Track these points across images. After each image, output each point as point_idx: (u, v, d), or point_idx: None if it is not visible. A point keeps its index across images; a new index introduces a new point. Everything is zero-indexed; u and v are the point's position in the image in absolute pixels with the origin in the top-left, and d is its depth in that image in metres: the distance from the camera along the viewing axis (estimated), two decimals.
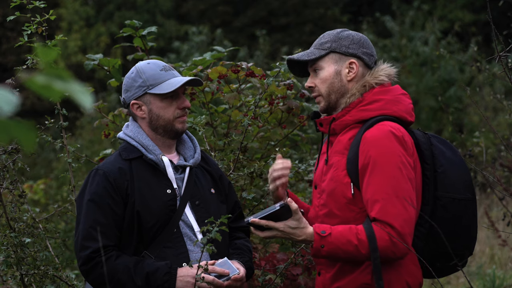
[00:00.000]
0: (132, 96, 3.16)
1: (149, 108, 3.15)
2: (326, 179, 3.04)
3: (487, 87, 12.79)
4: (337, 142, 3.05)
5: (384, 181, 2.89)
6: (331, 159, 3.04)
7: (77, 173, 9.55)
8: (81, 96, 1.29)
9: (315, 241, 2.89)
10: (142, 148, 3.16)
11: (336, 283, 3.04)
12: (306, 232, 2.91)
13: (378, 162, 2.90)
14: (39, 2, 3.91)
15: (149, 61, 3.21)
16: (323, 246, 2.88)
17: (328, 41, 3.08)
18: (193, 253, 3.10)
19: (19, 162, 3.87)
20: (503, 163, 7.57)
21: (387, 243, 2.87)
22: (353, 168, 2.96)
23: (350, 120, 3.01)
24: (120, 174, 3.10)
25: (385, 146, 2.92)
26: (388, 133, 2.93)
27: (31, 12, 3.89)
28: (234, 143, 4.29)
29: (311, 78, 3.12)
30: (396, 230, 2.87)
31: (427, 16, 17.50)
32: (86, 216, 3.07)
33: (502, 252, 8.36)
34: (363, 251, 2.88)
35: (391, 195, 2.89)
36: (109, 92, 16.66)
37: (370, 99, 3.01)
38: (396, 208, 2.88)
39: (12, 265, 3.74)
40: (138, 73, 3.16)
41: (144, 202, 3.08)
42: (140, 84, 3.14)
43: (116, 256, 3.04)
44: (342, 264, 3.01)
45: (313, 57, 3.06)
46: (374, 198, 2.89)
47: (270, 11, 21.12)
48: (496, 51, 3.62)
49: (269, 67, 5.05)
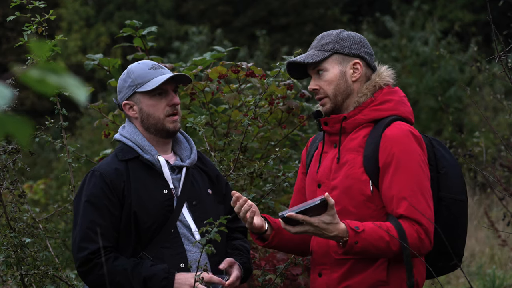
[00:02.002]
0: (124, 97, 3.18)
1: (139, 107, 3.17)
2: (337, 176, 3.04)
3: (487, 87, 12.78)
4: (350, 140, 3.06)
5: (409, 179, 2.94)
6: (344, 157, 3.04)
7: (77, 173, 9.55)
8: (76, 90, 1.28)
9: (350, 236, 2.86)
10: (138, 148, 3.16)
11: (346, 282, 3.02)
12: (339, 228, 2.87)
13: (402, 159, 2.95)
14: (39, 2, 3.91)
15: (140, 62, 3.23)
16: (357, 242, 2.87)
17: (329, 42, 3.08)
18: (191, 253, 3.10)
19: (19, 162, 3.87)
20: (503, 163, 7.57)
21: (415, 240, 2.91)
22: (371, 165, 2.98)
23: (363, 119, 3.05)
24: (116, 175, 3.10)
25: (406, 144, 2.97)
26: (408, 133, 2.99)
27: (31, 12, 3.89)
28: (234, 143, 4.29)
29: (314, 81, 3.11)
30: (424, 228, 2.92)
31: (427, 16, 17.49)
32: (83, 217, 3.07)
33: (502, 252, 8.36)
34: (393, 248, 2.90)
35: (417, 192, 2.94)
36: (109, 92, 16.64)
37: (381, 99, 3.06)
38: (422, 205, 2.93)
39: (12, 265, 3.74)
40: (128, 74, 3.19)
41: (141, 203, 3.08)
42: (130, 84, 3.17)
43: (114, 258, 3.04)
44: (354, 262, 3.00)
45: (317, 59, 3.06)
46: (400, 195, 2.92)
47: (270, 11, 21.12)
48: (496, 51, 3.62)
49: (269, 67, 5.05)
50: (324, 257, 3.09)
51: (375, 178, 2.98)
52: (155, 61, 3.26)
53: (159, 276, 3.00)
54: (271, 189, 4.12)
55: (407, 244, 2.89)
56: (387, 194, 2.96)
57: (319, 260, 3.11)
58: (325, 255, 3.09)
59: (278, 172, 4.23)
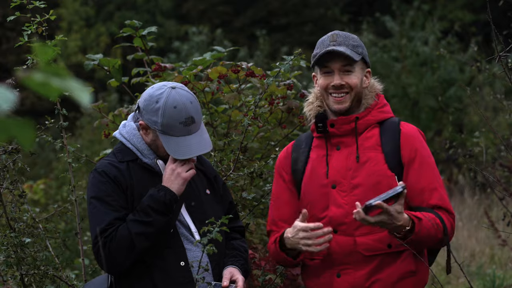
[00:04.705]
0: (145, 120, 3.12)
1: (153, 138, 3.13)
2: (359, 175, 3.12)
3: (487, 87, 12.78)
4: (365, 139, 3.18)
5: (434, 172, 3.15)
6: (364, 156, 3.14)
7: (77, 173, 9.54)
8: (79, 93, 1.28)
9: (417, 225, 2.97)
10: (137, 151, 3.16)
11: (375, 276, 3.10)
12: (405, 217, 2.97)
13: (424, 154, 3.15)
14: (39, 2, 3.91)
15: (177, 105, 3.05)
16: (420, 231, 2.98)
17: (359, 46, 3.19)
18: (190, 252, 3.11)
19: (19, 162, 3.87)
20: (503, 163, 7.57)
21: (450, 228, 3.10)
22: (395, 161, 3.13)
23: (372, 120, 3.20)
24: (120, 174, 3.12)
25: (422, 141, 3.19)
26: (418, 131, 3.22)
27: (31, 12, 3.89)
28: (234, 143, 4.29)
29: (340, 76, 3.16)
30: (453, 216, 3.13)
31: (427, 16, 17.48)
32: (94, 215, 3.08)
33: (502, 252, 8.36)
34: (439, 235, 3.04)
35: (441, 184, 3.16)
36: (109, 92, 16.63)
37: (382, 102, 3.25)
38: (447, 196, 3.15)
39: (12, 265, 3.74)
40: (160, 109, 3.06)
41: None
42: (156, 120, 3.07)
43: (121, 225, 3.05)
44: (384, 256, 3.09)
45: (357, 58, 3.15)
46: (431, 187, 3.10)
47: (270, 11, 21.12)
48: (496, 51, 3.62)
49: (269, 67, 5.05)
50: (348, 257, 3.12)
51: (399, 174, 3.12)
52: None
53: (155, 194, 3.04)
54: (271, 189, 4.11)
55: (448, 232, 3.06)
56: (415, 187, 3.10)
57: (340, 260, 3.13)
58: (350, 254, 3.12)
59: None
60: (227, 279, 3.12)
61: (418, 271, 3.13)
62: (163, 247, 3.10)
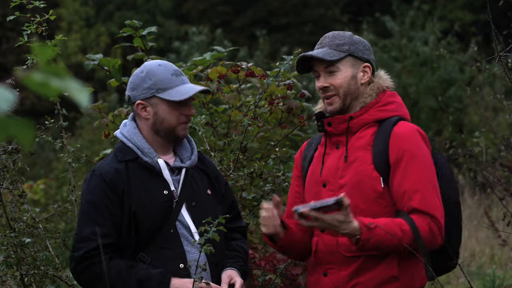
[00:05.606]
0: (139, 96, 3.13)
1: (154, 111, 3.13)
2: (346, 174, 3.09)
3: (487, 87, 12.78)
4: (357, 139, 3.13)
5: (421, 173, 3.02)
6: (352, 155, 3.10)
7: (77, 173, 9.54)
8: (78, 93, 1.28)
9: (364, 233, 2.91)
10: (138, 150, 3.15)
11: (356, 279, 3.06)
12: (352, 226, 2.92)
13: (412, 155, 3.04)
14: (39, 2, 3.91)
15: (161, 63, 3.18)
16: (371, 238, 2.92)
17: (345, 44, 3.15)
18: (190, 254, 3.09)
19: (19, 162, 3.87)
20: (503, 163, 7.57)
21: (427, 234, 2.97)
22: (381, 162, 3.05)
23: (369, 119, 3.13)
24: (116, 175, 3.10)
25: (415, 141, 3.07)
26: (416, 131, 3.10)
27: (31, 12, 3.89)
28: (234, 143, 4.29)
29: (325, 78, 3.15)
30: (438, 221, 2.99)
31: (427, 16, 17.48)
32: (83, 218, 3.08)
33: (502, 252, 8.36)
34: (406, 242, 2.94)
35: (429, 187, 3.02)
36: (109, 92, 16.64)
37: (385, 100, 3.16)
38: (434, 200, 3.01)
39: (12, 265, 3.74)
40: (148, 74, 3.13)
41: (141, 204, 3.08)
42: (149, 86, 3.11)
43: (109, 258, 3.02)
44: (365, 259, 3.04)
45: (334, 58, 3.12)
46: (413, 189, 2.99)
47: (270, 11, 21.12)
48: (496, 51, 3.62)
49: (269, 67, 5.05)
50: (331, 256, 3.11)
51: (386, 175, 3.05)
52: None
53: (154, 280, 2.99)
54: (271, 189, 4.12)
55: (420, 238, 2.94)
56: (399, 190, 3.02)
57: (325, 259, 3.13)
58: (332, 254, 3.11)
59: (278, 172, 4.23)
60: (226, 283, 3.11)
61: (402, 277, 3.04)
62: (163, 249, 3.09)
